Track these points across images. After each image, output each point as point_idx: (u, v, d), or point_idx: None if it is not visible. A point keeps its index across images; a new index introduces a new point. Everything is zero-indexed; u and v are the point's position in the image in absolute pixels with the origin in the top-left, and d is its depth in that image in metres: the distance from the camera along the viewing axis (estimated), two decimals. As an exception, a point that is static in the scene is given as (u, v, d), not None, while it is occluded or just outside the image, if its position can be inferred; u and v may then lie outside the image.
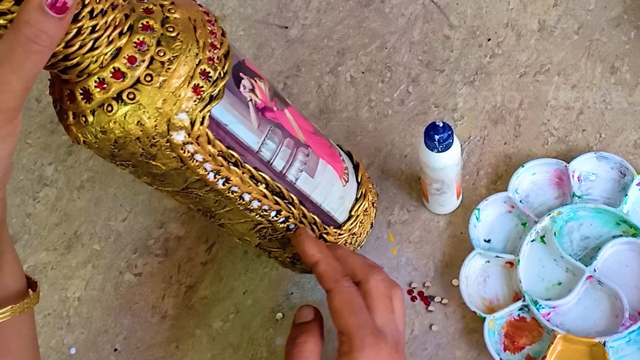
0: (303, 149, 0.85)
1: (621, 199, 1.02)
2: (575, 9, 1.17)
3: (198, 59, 0.69)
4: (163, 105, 0.67)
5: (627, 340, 0.95)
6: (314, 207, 0.89)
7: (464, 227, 1.07)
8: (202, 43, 0.70)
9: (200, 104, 0.70)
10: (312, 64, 1.19)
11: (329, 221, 0.93)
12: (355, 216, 0.96)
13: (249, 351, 1.05)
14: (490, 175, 1.09)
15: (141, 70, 0.67)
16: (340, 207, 0.94)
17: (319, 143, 0.89)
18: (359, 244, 1.01)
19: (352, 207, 0.96)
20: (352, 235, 0.97)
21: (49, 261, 1.13)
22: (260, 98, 0.78)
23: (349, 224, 0.95)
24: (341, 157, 0.94)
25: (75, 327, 1.09)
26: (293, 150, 0.83)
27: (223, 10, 1.24)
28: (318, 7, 1.22)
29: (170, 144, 0.70)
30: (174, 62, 0.68)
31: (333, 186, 0.90)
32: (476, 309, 0.99)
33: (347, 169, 0.95)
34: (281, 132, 0.81)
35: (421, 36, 1.19)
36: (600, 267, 0.99)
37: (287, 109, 0.84)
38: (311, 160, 0.86)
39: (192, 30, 0.70)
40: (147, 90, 0.67)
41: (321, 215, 0.91)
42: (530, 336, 0.98)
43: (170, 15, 0.69)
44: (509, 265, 1.02)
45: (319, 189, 0.88)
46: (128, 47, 0.67)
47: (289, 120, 0.84)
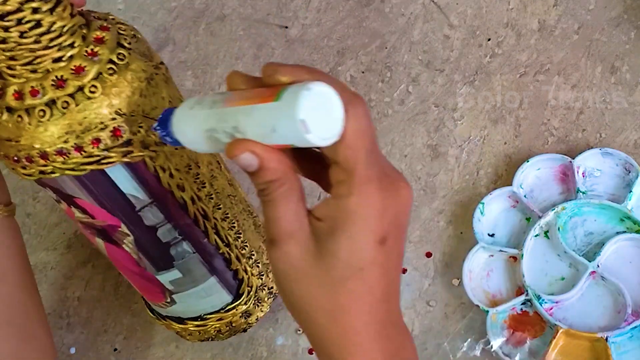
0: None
1: (626, 195, 1.02)
2: (575, 9, 1.17)
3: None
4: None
5: (629, 336, 0.95)
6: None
7: (464, 227, 1.06)
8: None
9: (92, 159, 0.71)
10: (312, 64, 1.19)
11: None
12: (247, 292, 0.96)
13: (248, 351, 1.04)
14: (490, 175, 1.09)
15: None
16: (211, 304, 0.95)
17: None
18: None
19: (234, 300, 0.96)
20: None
21: (48, 261, 1.12)
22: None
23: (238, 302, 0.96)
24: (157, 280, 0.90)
25: (75, 327, 1.09)
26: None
27: (223, 10, 1.24)
28: (318, 7, 1.23)
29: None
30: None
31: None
32: (479, 302, 0.99)
33: (165, 292, 0.92)
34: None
35: (421, 36, 1.19)
36: (603, 263, 0.99)
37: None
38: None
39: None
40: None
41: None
42: (532, 330, 0.98)
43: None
44: (512, 260, 1.02)
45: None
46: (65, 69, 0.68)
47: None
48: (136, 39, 0.73)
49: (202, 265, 0.87)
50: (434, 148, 1.12)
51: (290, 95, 0.55)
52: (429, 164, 1.11)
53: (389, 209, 0.59)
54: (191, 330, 0.96)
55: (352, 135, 0.57)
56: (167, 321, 0.97)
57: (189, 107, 0.63)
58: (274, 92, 0.56)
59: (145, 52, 0.74)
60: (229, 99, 0.60)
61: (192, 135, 0.63)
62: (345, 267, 0.58)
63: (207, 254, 0.87)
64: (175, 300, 0.91)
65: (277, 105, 0.56)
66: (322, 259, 0.59)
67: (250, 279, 0.93)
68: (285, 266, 0.60)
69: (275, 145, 0.58)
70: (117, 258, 0.86)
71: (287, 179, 0.59)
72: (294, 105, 0.54)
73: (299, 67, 0.59)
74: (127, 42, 0.71)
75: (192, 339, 0.99)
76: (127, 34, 0.72)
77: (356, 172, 0.58)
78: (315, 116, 0.54)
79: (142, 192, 0.76)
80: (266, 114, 0.57)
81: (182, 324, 0.96)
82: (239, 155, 0.58)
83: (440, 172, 1.11)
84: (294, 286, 0.61)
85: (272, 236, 0.60)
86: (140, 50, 0.73)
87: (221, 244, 0.87)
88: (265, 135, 0.57)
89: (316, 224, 0.59)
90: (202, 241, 0.85)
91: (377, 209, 0.58)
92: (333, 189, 0.59)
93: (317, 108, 0.55)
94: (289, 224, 0.59)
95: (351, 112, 0.57)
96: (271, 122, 0.56)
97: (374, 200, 0.58)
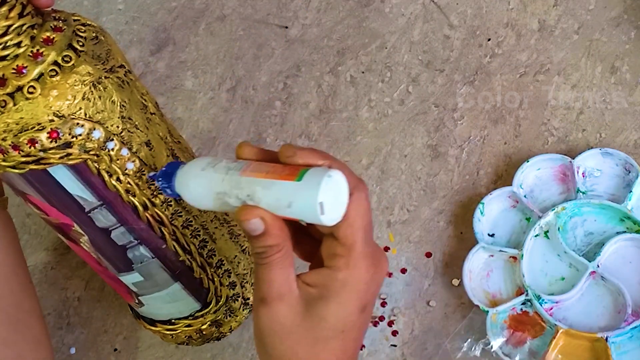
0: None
1: (626, 195, 1.02)
2: (575, 9, 1.17)
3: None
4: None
5: (629, 336, 0.95)
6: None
7: (464, 227, 1.06)
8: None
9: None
10: (312, 64, 1.19)
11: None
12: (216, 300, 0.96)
13: (248, 351, 1.04)
14: (490, 175, 1.09)
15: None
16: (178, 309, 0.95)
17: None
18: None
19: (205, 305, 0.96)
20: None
21: (48, 261, 1.12)
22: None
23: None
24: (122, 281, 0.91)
25: (75, 327, 1.09)
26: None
27: (223, 10, 1.24)
28: (318, 7, 1.23)
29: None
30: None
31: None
32: (479, 302, 0.99)
33: (131, 293, 0.92)
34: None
35: (421, 36, 1.19)
36: (603, 263, 0.99)
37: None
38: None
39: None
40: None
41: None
42: (532, 330, 0.98)
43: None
44: (512, 260, 1.02)
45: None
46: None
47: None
48: (96, 41, 0.74)
49: (163, 271, 0.87)
50: (434, 148, 1.12)
51: (312, 179, 0.63)
52: (429, 164, 1.11)
53: (374, 282, 0.68)
54: (163, 332, 0.96)
55: (354, 216, 0.66)
56: (141, 321, 0.97)
57: (200, 167, 0.69)
58: (294, 172, 0.65)
59: (103, 55, 0.74)
60: (245, 169, 0.67)
61: (199, 194, 0.69)
62: (330, 328, 0.66)
63: (168, 260, 0.87)
64: (143, 302, 0.91)
65: (298, 185, 0.64)
66: (308, 319, 0.66)
67: (219, 289, 0.93)
68: (272, 324, 0.67)
69: (283, 217, 0.65)
70: (82, 255, 0.87)
71: (285, 246, 0.67)
72: (316, 188, 0.62)
73: (314, 151, 0.67)
74: (81, 44, 0.71)
75: (168, 341, 0.99)
76: (86, 35, 0.72)
77: (354, 248, 0.66)
78: (329, 200, 0.63)
79: (89, 194, 0.77)
80: (285, 191, 0.64)
81: (153, 326, 0.96)
82: (250, 220, 0.66)
83: (440, 172, 1.11)
84: (278, 343, 0.67)
85: (263, 295, 0.67)
86: (96, 52, 0.73)
87: (181, 252, 0.86)
88: (278, 208, 0.65)
89: (306, 289, 0.67)
90: (161, 247, 0.85)
91: (366, 282, 0.67)
92: (328, 260, 0.67)
93: (332, 193, 0.64)
94: (281, 287, 0.66)
95: (355, 195, 0.66)
96: (289, 198, 0.64)
97: (365, 274, 0.66)
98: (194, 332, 0.96)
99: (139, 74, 1.21)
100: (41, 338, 0.86)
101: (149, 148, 0.79)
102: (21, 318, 0.84)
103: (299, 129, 1.15)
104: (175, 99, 1.19)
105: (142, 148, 0.78)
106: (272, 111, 1.17)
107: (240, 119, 1.17)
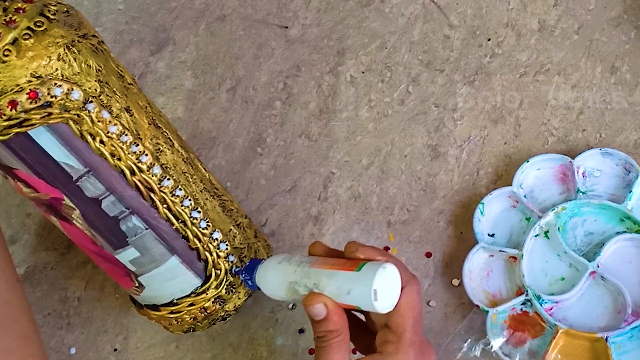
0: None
1: (626, 195, 1.02)
2: (575, 9, 1.17)
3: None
4: None
5: (629, 336, 0.95)
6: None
7: (464, 227, 1.07)
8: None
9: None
10: (312, 64, 1.19)
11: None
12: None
13: (248, 351, 1.04)
14: (490, 175, 1.09)
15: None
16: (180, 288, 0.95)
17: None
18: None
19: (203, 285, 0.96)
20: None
21: (48, 261, 1.12)
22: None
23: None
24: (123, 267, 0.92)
25: (75, 327, 1.09)
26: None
27: (223, 10, 1.24)
28: (318, 6, 1.23)
29: None
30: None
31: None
32: (479, 302, 0.99)
33: (130, 274, 0.92)
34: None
35: (421, 36, 1.19)
36: (603, 263, 0.99)
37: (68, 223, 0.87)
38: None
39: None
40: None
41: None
42: (532, 331, 0.98)
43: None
44: (512, 260, 1.02)
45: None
46: None
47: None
48: (67, 14, 0.78)
49: (158, 243, 0.88)
50: (434, 148, 1.12)
51: (369, 270, 0.75)
52: (429, 164, 1.11)
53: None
54: (168, 317, 0.96)
55: (405, 307, 0.77)
56: (145, 310, 0.97)
57: (277, 261, 0.84)
58: (354, 264, 0.77)
59: (75, 24, 0.78)
60: (315, 262, 0.80)
61: (274, 284, 0.83)
62: None
63: (162, 230, 0.88)
64: (143, 283, 0.92)
65: (357, 275, 0.75)
66: None
67: (217, 261, 0.93)
68: None
69: (343, 304, 0.77)
70: (76, 237, 0.88)
71: (343, 331, 0.78)
72: (372, 277, 0.74)
73: (374, 249, 0.80)
74: (52, 12, 0.76)
75: (174, 330, 0.99)
76: (57, 9, 0.77)
77: (404, 336, 0.77)
78: (383, 289, 0.74)
79: (74, 160, 0.79)
80: (346, 279, 0.76)
81: (157, 311, 0.96)
82: (315, 305, 0.77)
83: (440, 172, 1.11)
84: None
85: None
86: (68, 22, 0.77)
87: (174, 220, 0.88)
88: (339, 295, 0.76)
89: None
90: (154, 216, 0.86)
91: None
92: (380, 347, 0.78)
93: (385, 283, 0.75)
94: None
95: (407, 288, 0.78)
96: (348, 286, 0.76)
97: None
98: (199, 312, 0.96)
99: (139, 74, 1.21)
100: (30, 334, 0.87)
101: (129, 114, 0.82)
102: (9, 314, 0.85)
103: (299, 129, 1.15)
104: (175, 99, 1.19)
105: (122, 114, 0.80)
106: (272, 111, 1.17)
107: (240, 119, 1.17)
